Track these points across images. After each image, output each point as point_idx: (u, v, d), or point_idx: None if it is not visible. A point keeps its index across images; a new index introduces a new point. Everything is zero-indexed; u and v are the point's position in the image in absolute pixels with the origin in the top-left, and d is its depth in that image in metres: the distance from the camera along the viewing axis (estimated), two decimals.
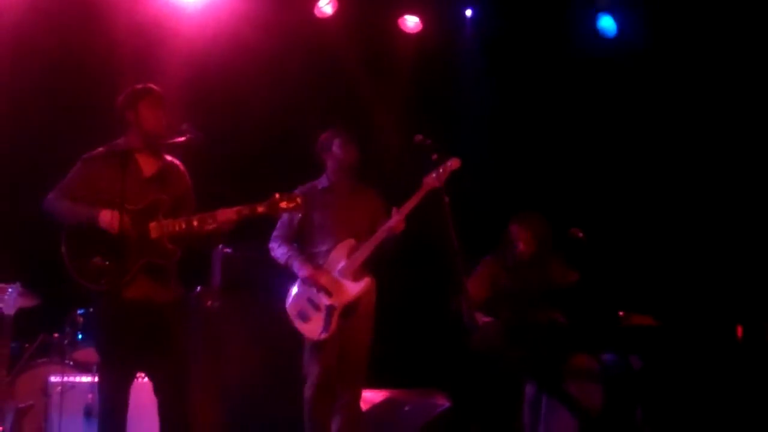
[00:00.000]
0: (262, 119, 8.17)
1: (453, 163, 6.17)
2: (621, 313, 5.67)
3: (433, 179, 6.10)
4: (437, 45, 8.73)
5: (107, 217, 5.38)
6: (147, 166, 5.66)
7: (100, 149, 5.58)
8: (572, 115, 8.55)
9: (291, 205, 5.58)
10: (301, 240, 6.45)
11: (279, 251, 6.42)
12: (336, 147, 6.43)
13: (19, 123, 7.60)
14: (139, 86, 5.69)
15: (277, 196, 5.57)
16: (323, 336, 6.18)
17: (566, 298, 5.67)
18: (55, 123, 7.57)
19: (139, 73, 7.28)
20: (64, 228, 5.51)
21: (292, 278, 6.39)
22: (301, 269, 6.29)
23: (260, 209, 5.55)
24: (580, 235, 6.37)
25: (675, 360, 5.78)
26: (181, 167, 5.81)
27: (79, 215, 5.46)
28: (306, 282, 6.28)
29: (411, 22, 8.65)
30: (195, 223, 5.50)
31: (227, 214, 5.51)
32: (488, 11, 8.79)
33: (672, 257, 7.79)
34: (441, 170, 6.04)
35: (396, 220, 6.21)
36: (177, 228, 5.47)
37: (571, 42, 8.61)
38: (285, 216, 6.37)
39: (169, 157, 5.76)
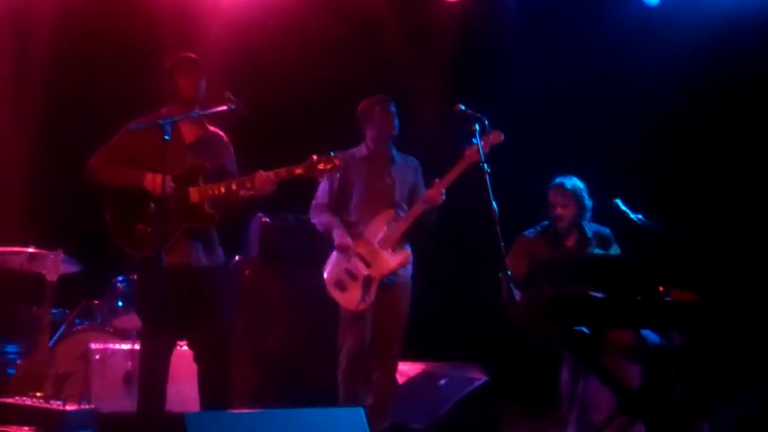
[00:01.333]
0: (302, 87, 8.16)
1: (495, 137, 6.12)
2: (661, 288, 5.59)
3: (474, 152, 6.03)
4: (478, 13, 8.65)
5: (151, 179, 5.43)
6: (188, 133, 5.70)
7: (143, 117, 5.62)
8: (615, 86, 8.46)
9: (329, 166, 5.60)
10: (340, 209, 6.43)
11: (318, 219, 6.41)
12: (376, 117, 6.38)
13: (61, 92, 7.65)
14: (175, 57, 5.71)
15: (314, 157, 5.58)
16: (361, 306, 6.19)
17: (606, 272, 5.61)
18: (96, 91, 7.62)
19: (180, 41, 7.31)
20: (106, 195, 5.55)
21: (330, 247, 6.38)
22: (340, 238, 6.27)
23: (298, 171, 5.58)
24: (623, 206, 6.32)
25: (717, 337, 5.73)
26: (225, 138, 5.84)
27: (123, 179, 5.52)
28: (344, 251, 6.26)
29: None
30: (234, 187, 5.54)
31: (265, 177, 5.52)
32: None
33: (715, 231, 7.71)
34: (483, 143, 5.98)
35: (436, 191, 6.19)
36: (216, 192, 5.53)
37: (614, 10, 8.50)
38: (324, 183, 6.35)
39: (212, 127, 5.79)
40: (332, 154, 5.61)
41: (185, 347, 6.21)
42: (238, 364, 6.59)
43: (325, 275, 6.33)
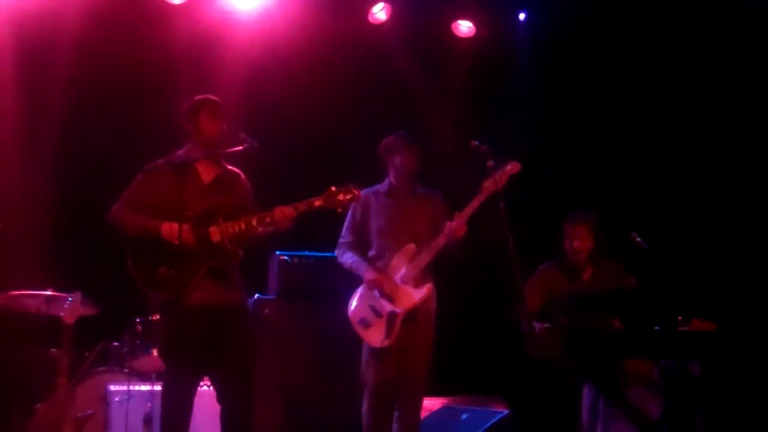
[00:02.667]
0: (318, 125, 8.20)
1: (513, 167, 6.15)
2: (680, 318, 5.59)
3: (492, 183, 6.05)
4: (491, 49, 8.70)
5: (167, 229, 5.46)
6: (206, 173, 5.74)
7: (161, 159, 5.66)
8: (627, 117, 8.47)
9: (348, 196, 5.63)
10: (364, 246, 6.45)
11: (344, 257, 6.43)
12: (399, 154, 6.40)
13: (79, 134, 7.70)
14: (199, 97, 5.76)
15: (333, 188, 5.61)
16: (386, 343, 6.17)
17: (624, 303, 5.60)
18: (114, 133, 7.66)
19: (196, 81, 7.37)
20: (128, 241, 5.58)
21: (351, 284, 6.39)
22: (366, 273, 6.28)
23: (317, 203, 5.61)
24: (639, 239, 6.31)
25: (735, 366, 5.71)
26: (242, 176, 5.88)
27: (141, 228, 5.55)
28: (370, 286, 6.26)
29: (464, 26, 8.64)
30: (254, 222, 5.57)
31: (285, 211, 5.56)
32: (542, 14, 8.74)
33: (733, 260, 7.68)
34: (500, 174, 6.01)
35: (458, 224, 6.18)
36: (237, 228, 5.55)
37: (625, 45, 8.52)
38: (348, 221, 6.42)
39: (229, 166, 5.82)
40: (350, 185, 5.64)
41: (205, 387, 6.22)
42: (259, 402, 6.57)
43: (350, 313, 6.33)
